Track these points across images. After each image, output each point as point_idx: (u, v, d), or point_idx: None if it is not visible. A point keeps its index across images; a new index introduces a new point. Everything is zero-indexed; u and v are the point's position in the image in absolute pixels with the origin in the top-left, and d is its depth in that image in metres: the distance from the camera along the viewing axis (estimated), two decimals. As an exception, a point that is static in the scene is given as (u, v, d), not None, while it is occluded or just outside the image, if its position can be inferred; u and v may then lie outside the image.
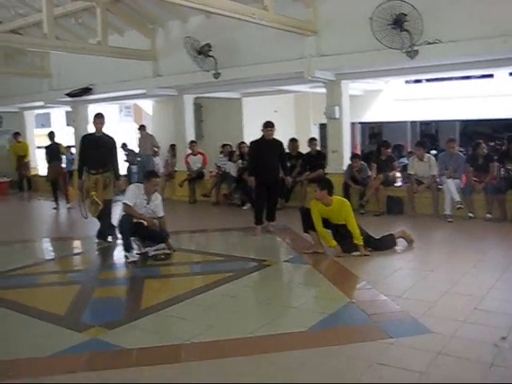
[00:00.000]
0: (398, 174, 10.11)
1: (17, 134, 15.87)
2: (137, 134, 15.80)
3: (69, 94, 13.52)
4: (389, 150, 9.96)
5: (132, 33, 12.16)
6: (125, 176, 14.42)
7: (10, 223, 10.41)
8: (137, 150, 15.46)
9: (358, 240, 6.31)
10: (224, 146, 12.37)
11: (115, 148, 8.04)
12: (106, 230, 7.75)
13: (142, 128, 13.98)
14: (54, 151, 12.20)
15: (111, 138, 7.83)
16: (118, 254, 6.89)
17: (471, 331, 3.93)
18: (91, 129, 7.89)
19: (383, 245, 6.61)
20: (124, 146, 15.28)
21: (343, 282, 5.53)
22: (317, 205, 6.47)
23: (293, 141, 11.15)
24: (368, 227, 6.80)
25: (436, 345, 3.66)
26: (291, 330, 4.14)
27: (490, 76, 12.24)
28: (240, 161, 11.36)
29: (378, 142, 11.85)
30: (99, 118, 7.68)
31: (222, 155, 12.27)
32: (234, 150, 12.01)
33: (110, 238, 7.78)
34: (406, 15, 8.01)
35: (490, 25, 7.81)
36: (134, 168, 14.30)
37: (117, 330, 4.25)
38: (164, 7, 10.83)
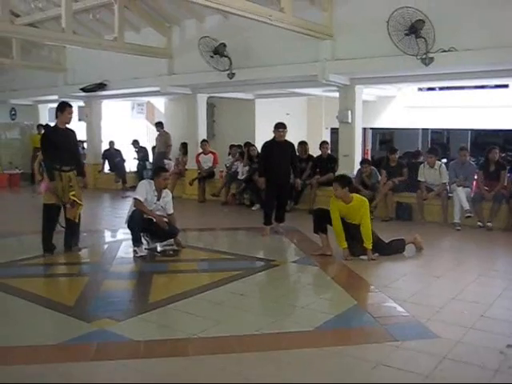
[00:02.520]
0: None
1: (40, 126, 15.90)
2: (149, 131, 15.93)
3: (83, 89, 13.63)
4: (396, 156, 9.98)
5: (148, 30, 12.23)
6: (134, 173, 14.57)
7: (20, 215, 10.52)
8: (149, 147, 15.60)
9: (368, 243, 6.32)
10: (231, 146, 12.39)
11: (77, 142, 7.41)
12: (77, 237, 7.02)
13: (158, 125, 14.04)
14: None
15: (74, 131, 7.02)
16: (127, 249, 6.94)
17: (477, 337, 3.93)
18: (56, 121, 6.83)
19: (392, 249, 6.62)
20: (135, 142, 15.35)
21: (350, 284, 5.56)
22: (336, 202, 6.45)
23: (302, 144, 11.18)
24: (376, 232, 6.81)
25: (441, 349, 3.68)
26: (297, 329, 4.17)
27: (505, 86, 12.21)
28: (247, 167, 11.37)
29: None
30: (71, 108, 6.82)
31: (230, 156, 12.31)
32: (243, 151, 12.02)
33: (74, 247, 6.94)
34: (423, 22, 8.02)
35: (506, 34, 7.82)
36: (148, 164, 14.38)
37: (125, 322, 4.30)
38: (181, 6, 10.89)
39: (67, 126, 6.81)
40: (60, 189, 6.56)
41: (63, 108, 6.74)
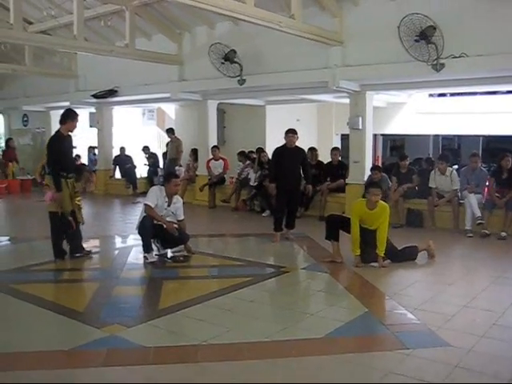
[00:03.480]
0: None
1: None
2: (160, 138, 15.96)
3: (95, 96, 13.73)
4: (406, 163, 9.95)
5: (159, 37, 12.30)
6: (145, 179, 14.63)
7: (31, 220, 10.60)
8: (160, 153, 15.62)
9: (381, 250, 6.29)
10: (240, 153, 12.39)
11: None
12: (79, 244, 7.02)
13: (170, 131, 14.10)
14: None
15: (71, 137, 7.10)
16: (138, 255, 6.96)
17: (489, 346, 3.90)
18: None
19: (404, 256, 6.59)
20: (145, 148, 15.40)
21: (361, 291, 5.54)
22: (361, 206, 6.40)
23: (312, 150, 11.17)
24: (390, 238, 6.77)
25: (453, 358, 3.65)
26: (308, 336, 4.15)
27: (516, 92, 12.16)
28: (259, 172, 11.36)
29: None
30: (78, 116, 6.92)
31: (240, 162, 12.31)
32: (255, 157, 12.00)
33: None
34: (434, 28, 8.00)
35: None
36: (159, 171, 14.44)
37: (135, 328, 4.31)
38: (192, 13, 10.93)
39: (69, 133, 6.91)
40: (67, 196, 6.67)
41: (74, 116, 6.83)
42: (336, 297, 5.45)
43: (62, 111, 7.07)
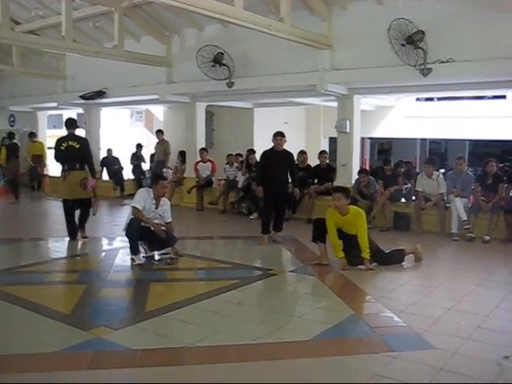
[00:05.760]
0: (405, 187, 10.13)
1: (32, 134, 15.90)
2: (148, 139, 15.91)
3: (83, 97, 13.68)
4: (390, 167, 10.08)
5: (148, 39, 12.29)
6: (132, 180, 14.59)
7: (19, 222, 10.54)
8: (146, 154, 15.58)
9: (365, 253, 6.32)
10: (229, 155, 12.40)
11: None
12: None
13: (159, 133, 14.05)
14: (13, 150, 13.67)
15: None
16: (125, 257, 6.93)
17: (474, 349, 3.93)
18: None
19: (391, 259, 6.63)
20: (139, 146, 15.42)
21: (348, 294, 5.55)
22: (334, 213, 6.45)
23: (302, 153, 11.20)
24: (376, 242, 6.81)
25: (438, 360, 3.67)
26: (294, 338, 4.16)
27: (503, 97, 12.27)
28: (247, 174, 11.38)
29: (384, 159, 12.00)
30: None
31: (227, 165, 12.31)
32: (243, 159, 12.01)
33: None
34: (422, 33, 8.07)
35: (503, 45, 7.87)
36: (147, 172, 14.42)
37: (122, 330, 4.29)
38: (181, 15, 10.94)
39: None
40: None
41: (73, 120, 8.66)
42: (323, 299, 5.46)
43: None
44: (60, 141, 8.18)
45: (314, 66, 9.77)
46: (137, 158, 15.15)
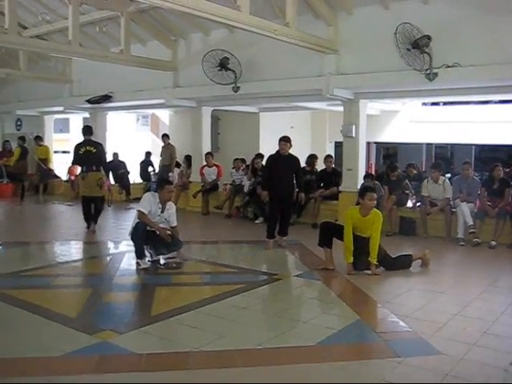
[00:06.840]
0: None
1: (38, 138, 16.01)
2: (154, 143, 15.95)
3: (89, 101, 13.71)
4: (395, 173, 9.99)
5: (154, 43, 12.33)
6: (138, 184, 14.62)
7: (25, 225, 10.57)
8: (155, 159, 15.64)
9: (374, 257, 6.30)
10: (236, 160, 12.41)
11: None
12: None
13: (165, 137, 14.11)
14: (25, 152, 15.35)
15: None
16: (130, 261, 6.94)
17: (480, 354, 3.91)
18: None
19: (398, 264, 6.61)
20: (148, 154, 15.50)
21: (353, 299, 5.55)
22: (355, 213, 6.42)
23: (312, 157, 11.20)
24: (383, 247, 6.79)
25: (444, 366, 3.65)
26: (300, 343, 4.16)
27: (509, 102, 12.23)
28: (253, 179, 11.38)
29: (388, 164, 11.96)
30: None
31: (233, 170, 12.32)
32: (248, 164, 12.01)
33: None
34: (428, 38, 8.07)
35: (509, 50, 7.85)
36: (152, 176, 14.46)
37: (127, 334, 4.30)
38: (187, 20, 10.97)
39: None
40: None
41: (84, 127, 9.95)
42: (328, 304, 5.46)
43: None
44: (78, 146, 9.42)
45: (320, 70, 9.78)
46: (146, 164, 15.27)
